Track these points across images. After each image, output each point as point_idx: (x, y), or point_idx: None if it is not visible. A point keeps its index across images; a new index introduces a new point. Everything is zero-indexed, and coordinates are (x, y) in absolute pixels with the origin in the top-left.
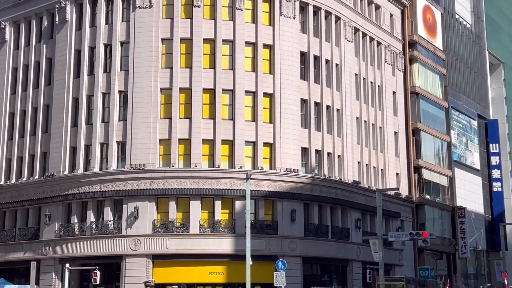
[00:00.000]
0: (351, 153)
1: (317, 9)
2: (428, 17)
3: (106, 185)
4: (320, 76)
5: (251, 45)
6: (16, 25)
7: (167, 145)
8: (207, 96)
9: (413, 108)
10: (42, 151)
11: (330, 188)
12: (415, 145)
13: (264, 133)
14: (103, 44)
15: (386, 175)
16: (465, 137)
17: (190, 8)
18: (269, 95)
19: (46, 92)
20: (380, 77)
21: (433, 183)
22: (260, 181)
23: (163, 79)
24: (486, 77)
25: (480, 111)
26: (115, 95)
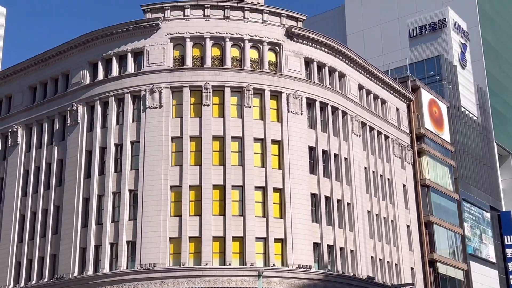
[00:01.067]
0: (364, 248)
1: (324, 105)
2: (434, 110)
3: (115, 286)
4: (329, 170)
5: (260, 141)
6: (28, 128)
7: (177, 243)
8: (216, 193)
9: (424, 201)
10: (52, 253)
11: (344, 285)
12: (428, 238)
13: (275, 228)
14: (113, 144)
15: (400, 269)
16: (478, 230)
17: (199, 107)
18: (279, 190)
19: (56, 194)
20: (390, 170)
21: (449, 277)
22: (272, 279)
23: (173, 177)
24: (496, 169)
25: (492, 203)
26: (125, 194)
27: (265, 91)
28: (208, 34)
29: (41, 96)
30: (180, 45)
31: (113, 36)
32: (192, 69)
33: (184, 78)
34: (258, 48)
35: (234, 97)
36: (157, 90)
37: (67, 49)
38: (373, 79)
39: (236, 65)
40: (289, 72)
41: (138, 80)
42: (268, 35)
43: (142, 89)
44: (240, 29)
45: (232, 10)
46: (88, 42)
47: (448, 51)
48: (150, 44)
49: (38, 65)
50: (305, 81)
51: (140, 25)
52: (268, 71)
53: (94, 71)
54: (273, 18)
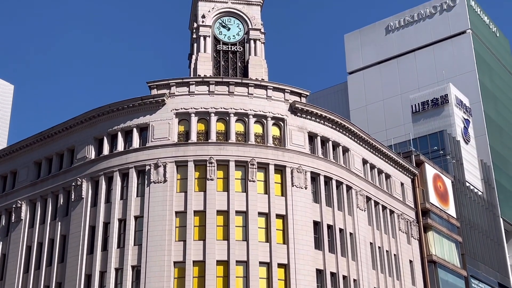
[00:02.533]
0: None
1: (328, 179)
2: (439, 185)
3: None
4: (335, 245)
5: (264, 215)
6: (32, 203)
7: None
8: (220, 269)
9: (431, 277)
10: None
11: None
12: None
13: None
14: (117, 219)
15: None
16: None
17: (203, 182)
18: (284, 266)
19: (59, 270)
20: (396, 246)
21: None
22: None
23: (176, 252)
24: (503, 244)
25: (500, 280)
26: (128, 271)
27: (269, 165)
28: (213, 109)
29: (46, 172)
30: (185, 120)
31: (119, 112)
32: (196, 144)
33: (189, 153)
34: (262, 123)
35: (239, 171)
36: (161, 165)
37: (73, 125)
38: (377, 153)
39: (240, 139)
40: (293, 147)
41: (143, 155)
42: (272, 110)
43: (147, 164)
44: (244, 105)
45: (236, 86)
46: (94, 118)
47: (451, 126)
48: (156, 119)
49: (44, 140)
50: (309, 156)
51: (146, 101)
52: (272, 146)
53: (100, 146)
54: (277, 93)
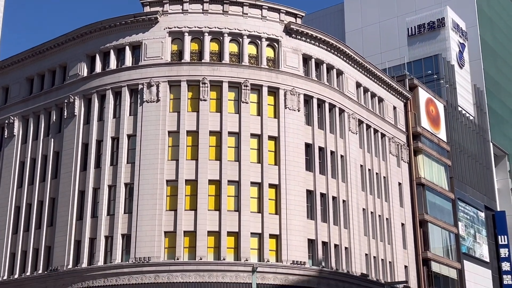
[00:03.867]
0: (358, 245)
1: (321, 102)
2: (431, 109)
3: (110, 279)
4: (326, 167)
5: (257, 137)
6: (24, 119)
7: (172, 237)
8: (212, 188)
9: (419, 199)
10: (46, 245)
11: (337, 282)
12: (422, 237)
13: (270, 224)
14: (110, 137)
15: (394, 267)
16: (473, 229)
17: (196, 102)
18: (275, 186)
19: (52, 186)
20: (386, 168)
21: (442, 276)
22: (266, 274)
23: (169, 171)
24: (492, 169)
25: (487, 203)
26: (121, 187)
27: (262, 87)
28: (207, 28)
29: (38, 88)
30: (179, 39)
31: (111, 29)
32: (190, 64)
33: (182, 73)
34: (257, 43)
35: (232, 92)
36: (154, 84)
37: (65, 41)
38: (371, 77)
39: (234, 60)
40: (287, 69)
41: (136, 74)
42: (267, 31)
43: (139, 83)
44: (238, 25)
45: (231, 5)
46: (86, 34)
47: (446, 50)
48: (148, 37)
49: (36, 56)
50: (303, 78)
51: (138, 19)
52: (266, 67)
53: (92, 64)
54: (272, 14)
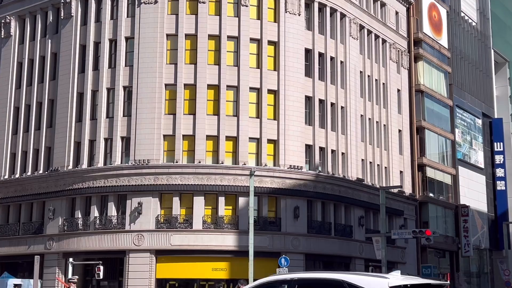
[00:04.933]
0: (355, 151)
1: (322, 6)
2: (434, 15)
3: (110, 180)
4: (325, 73)
5: (256, 41)
6: (21, 19)
7: (171, 141)
8: (211, 92)
9: (417, 106)
10: (46, 146)
11: (333, 186)
12: (419, 143)
13: (268, 130)
14: (108, 39)
15: (390, 173)
16: (469, 136)
17: (195, 4)
18: (274, 92)
19: (51, 87)
20: (385, 75)
21: (437, 181)
22: (263, 178)
23: (167, 75)
24: (491, 76)
25: (484, 110)
26: (119, 91)
27: None
28: None
29: None
30: None
31: None
32: None
33: None
34: None
35: None
36: None
37: None
38: None
39: None
40: None
41: None
42: None
43: None
44: None
45: None
46: None
47: None
48: None
49: None
50: None
51: None
52: None
53: None
54: None
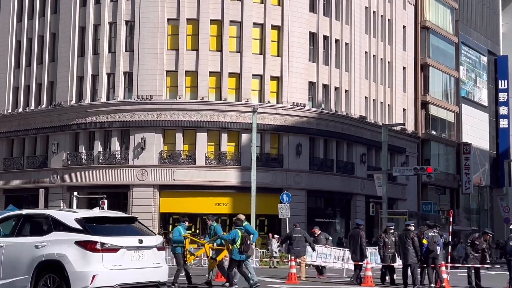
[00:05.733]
0: (359, 88)
1: None
2: None
3: (113, 116)
4: (330, 8)
5: None
6: None
7: (174, 76)
8: (214, 28)
9: (423, 43)
10: (49, 80)
11: (336, 123)
12: (423, 80)
13: (272, 66)
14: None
15: (393, 110)
16: (474, 73)
17: None
18: (277, 28)
19: (52, 20)
20: (391, 11)
21: (440, 119)
22: (266, 115)
23: (169, 9)
24: (498, 12)
25: (490, 47)
26: (121, 25)
27: None
28: None
29: None
30: None
31: None
32: None
33: None
34: None
35: None
36: None
37: None
38: None
39: None
40: None
41: None
42: None
43: None
44: None
45: None
46: None
47: None
48: None
49: None
50: None
51: None
52: None
53: None
54: None
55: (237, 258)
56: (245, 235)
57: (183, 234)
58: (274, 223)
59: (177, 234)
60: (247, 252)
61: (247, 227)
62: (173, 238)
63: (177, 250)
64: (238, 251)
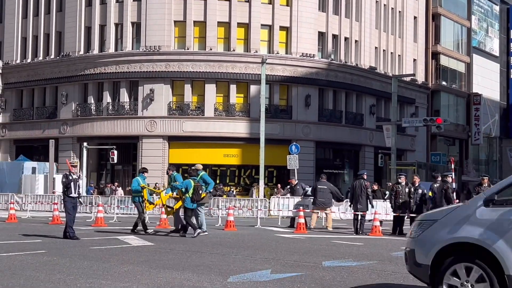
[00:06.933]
0: (369, 38)
1: None
2: None
3: (121, 66)
4: None
5: None
6: None
7: (182, 27)
8: None
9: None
10: (57, 31)
11: (345, 74)
12: (434, 30)
13: (281, 16)
14: None
15: (403, 60)
16: (485, 23)
17: None
18: None
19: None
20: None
21: (450, 70)
22: (275, 66)
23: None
24: None
25: None
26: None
27: None
28: None
29: None
30: None
31: None
32: None
33: None
34: None
35: None
36: None
37: None
38: None
39: None
40: None
41: None
42: None
43: None
44: None
45: None
46: None
47: None
48: None
49: None
50: None
51: None
52: None
53: None
54: None
55: (189, 206)
56: (197, 185)
57: (141, 185)
58: (282, 174)
59: (135, 184)
60: (198, 201)
61: (204, 176)
62: (132, 188)
63: (136, 199)
64: (190, 200)
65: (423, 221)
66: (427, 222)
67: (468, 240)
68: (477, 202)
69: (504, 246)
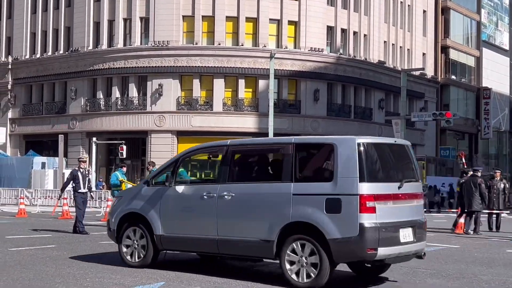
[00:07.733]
0: (378, 32)
1: None
2: None
3: (130, 62)
4: None
5: None
6: None
7: (191, 21)
8: None
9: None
10: (66, 26)
11: (354, 68)
12: (443, 24)
13: (289, 10)
14: None
15: (412, 55)
16: (495, 16)
17: None
18: None
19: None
20: None
21: (460, 64)
22: (284, 61)
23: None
24: None
25: None
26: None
27: None
28: None
29: None
30: None
31: None
32: None
33: None
34: None
35: None
36: None
37: None
38: None
39: None
40: None
41: None
42: None
43: None
44: None
45: None
46: None
47: None
48: None
49: None
50: None
51: None
52: None
53: None
54: None
55: None
56: None
57: (119, 179)
58: None
59: (114, 178)
60: None
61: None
62: (111, 182)
63: (115, 193)
64: None
65: (118, 197)
66: (118, 198)
67: (134, 210)
68: (142, 183)
69: (153, 214)
